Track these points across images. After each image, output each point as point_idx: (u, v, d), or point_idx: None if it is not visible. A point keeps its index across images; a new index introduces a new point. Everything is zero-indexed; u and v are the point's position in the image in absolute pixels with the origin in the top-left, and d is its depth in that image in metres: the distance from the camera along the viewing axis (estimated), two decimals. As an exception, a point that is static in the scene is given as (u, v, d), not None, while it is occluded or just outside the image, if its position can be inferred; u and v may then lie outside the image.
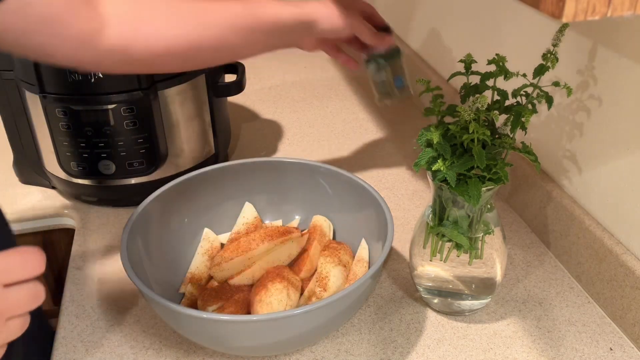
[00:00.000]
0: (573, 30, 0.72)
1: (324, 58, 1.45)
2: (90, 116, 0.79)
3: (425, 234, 0.68)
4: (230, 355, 0.67)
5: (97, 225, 0.87)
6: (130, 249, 0.65)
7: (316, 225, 0.78)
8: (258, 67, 1.40)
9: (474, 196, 0.59)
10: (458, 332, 0.69)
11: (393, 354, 0.66)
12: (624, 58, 0.65)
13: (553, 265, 0.79)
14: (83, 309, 0.73)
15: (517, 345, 0.67)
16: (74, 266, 0.80)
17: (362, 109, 1.21)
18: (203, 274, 0.74)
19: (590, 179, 0.74)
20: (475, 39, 0.97)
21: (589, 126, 0.72)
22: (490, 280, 0.69)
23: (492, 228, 0.66)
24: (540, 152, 0.81)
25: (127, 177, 0.85)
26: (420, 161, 0.62)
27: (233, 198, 0.81)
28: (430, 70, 1.14)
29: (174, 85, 0.83)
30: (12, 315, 0.42)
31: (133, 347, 0.68)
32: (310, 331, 0.61)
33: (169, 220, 0.75)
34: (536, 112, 0.62)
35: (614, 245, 0.69)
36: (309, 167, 0.79)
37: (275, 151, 1.06)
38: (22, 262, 0.43)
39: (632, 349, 0.67)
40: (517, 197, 0.88)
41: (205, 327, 0.58)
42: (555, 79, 0.76)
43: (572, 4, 0.34)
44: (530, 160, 0.63)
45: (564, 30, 0.59)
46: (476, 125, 0.58)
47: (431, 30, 1.15)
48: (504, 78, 0.62)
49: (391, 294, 0.75)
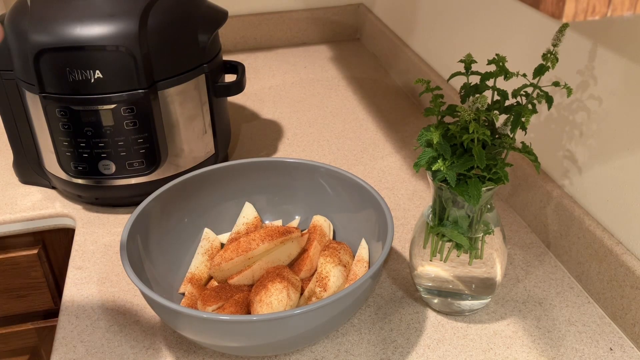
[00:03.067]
0: (573, 30, 0.72)
1: (324, 58, 1.45)
2: (90, 116, 0.79)
3: (425, 234, 0.68)
4: (230, 355, 0.67)
5: (97, 225, 0.87)
6: (130, 249, 0.65)
7: (316, 225, 0.78)
8: (258, 67, 1.41)
9: (474, 196, 0.59)
10: (458, 332, 0.69)
11: (393, 354, 0.66)
12: (624, 58, 0.65)
13: (553, 265, 0.79)
14: (83, 309, 0.73)
15: (517, 345, 0.67)
16: (74, 266, 0.80)
17: (362, 109, 1.21)
18: (203, 274, 0.74)
19: (590, 179, 0.74)
20: (475, 39, 0.97)
21: (589, 126, 0.72)
22: (490, 280, 0.69)
23: (492, 228, 0.66)
24: (540, 152, 0.82)
25: (127, 177, 0.85)
26: (420, 161, 0.62)
27: (233, 198, 0.81)
28: (430, 70, 1.14)
29: (174, 85, 0.83)
30: None
31: (133, 347, 0.68)
32: (310, 331, 0.61)
33: (169, 221, 0.75)
34: (536, 112, 0.61)
35: (614, 245, 0.69)
36: (309, 167, 0.79)
37: (275, 151, 1.06)
38: None
39: (632, 349, 0.67)
40: (517, 197, 0.88)
41: (205, 327, 0.58)
42: (555, 79, 0.76)
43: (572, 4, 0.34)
44: (530, 160, 0.63)
45: (564, 30, 0.59)
46: (476, 125, 0.58)
47: (431, 30, 1.15)
48: (504, 78, 0.62)
49: (391, 294, 0.75)
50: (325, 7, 1.51)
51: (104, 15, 0.76)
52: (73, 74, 0.77)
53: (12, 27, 0.79)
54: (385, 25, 1.38)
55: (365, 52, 1.48)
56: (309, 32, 1.52)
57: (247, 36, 1.49)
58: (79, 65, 0.76)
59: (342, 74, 1.37)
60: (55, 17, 0.76)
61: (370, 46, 1.48)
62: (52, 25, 0.76)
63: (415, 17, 1.22)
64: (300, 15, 1.50)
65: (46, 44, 0.75)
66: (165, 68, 0.81)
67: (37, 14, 0.77)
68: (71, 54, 0.76)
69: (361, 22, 1.52)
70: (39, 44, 0.76)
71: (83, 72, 0.77)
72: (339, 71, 1.39)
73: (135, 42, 0.76)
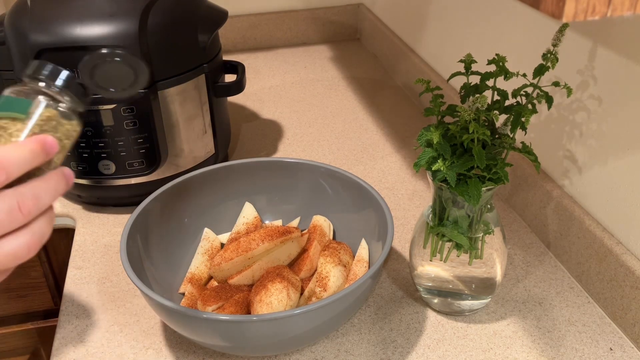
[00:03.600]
0: (573, 30, 0.72)
1: (324, 58, 1.45)
2: (90, 116, 0.79)
3: (425, 234, 0.68)
4: (230, 355, 0.67)
5: (97, 225, 0.87)
6: (130, 249, 0.65)
7: (316, 225, 0.78)
8: (258, 67, 1.41)
9: (474, 196, 0.59)
10: (458, 332, 0.69)
11: (393, 354, 0.66)
12: (624, 58, 0.65)
13: (553, 265, 0.79)
14: (83, 309, 0.73)
15: (517, 345, 0.67)
16: (74, 266, 0.80)
17: (362, 109, 1.21)
18: (203, 274, 0.74)
19: (590, 179, 0.74)
20: (475, 39, 0.97)
21: (589, 126, 0.72)
22: (490, 280, 0.69)
23: (492, 228, 0.66)
24: (540, 152, 0.81)
25: (127, 177, 0.85)
26: (420, 161, 0.62)
27: (233, 198, 0.81)
28: (430, 70, 1.14)
29: (174, 85, 0.83)
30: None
31: (133, 347, 0.68)
32: (310, 331, 0.61)
33: (169, 220, 0.75)
34: (536, 112, 0.61)
35: (614, 245, 0.69)
36: (308, 167, 0.79)
37: (275, 151, 1.06)
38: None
39: (632, 349, 0.67)
40: (517, 197, 0.88)
41: (205, 327, 0.58)
42: (555, 79, 0.76)
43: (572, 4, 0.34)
44: (530, 160, 0.63)
45: (564, 30, 0.59)
46: (476, 125, 0.58)
47: (431, 30, 1.15)
48: (504, 78, 0.62)
49: (391, 294, 0.75)
50: (325, 7, 1.51)
51: (104, 15, 0.76)
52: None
53: (12, 27, 0.79)
54: (385, 25, 1.38)
55: (365, 52, 1.48)
56: (309, 32, 1.52)
57: (247, 36, 1.49)
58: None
59: (342, 74, 1.37)
60: (55, 17, 0.76)
61: (370, 46, 1.48)
62: (52, 25, 0.76)
63: (415, 17, 1.22)
64: (300, 15, 1.50)
65: (46, 44, 0.75)
66: (165, 68, 0.81)
67: (37, 14, 0.77)
68: (71, 54, 0.76)
69: (361, 22, 1.52)
70: (39, 44, 0.76)
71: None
72: (339, 71, 1.39)
73: (135, 42, 0.76)
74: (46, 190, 0.42)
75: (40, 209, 0.41)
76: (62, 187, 0.43)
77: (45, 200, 0.41)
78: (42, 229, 0.41)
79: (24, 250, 0.40)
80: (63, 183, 0.43)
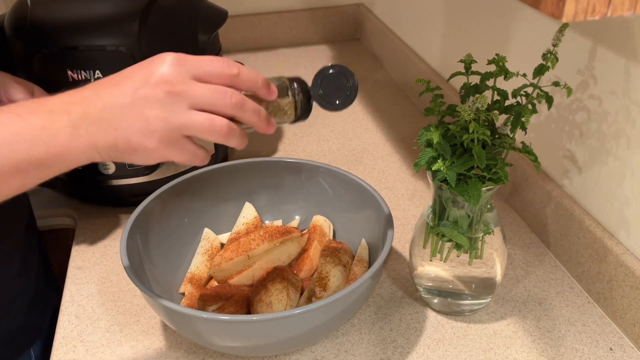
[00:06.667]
0: (573, 30, 0.72)
1: (324, 58, 1.45)
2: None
3: (425, 234, 0.68)
4: (230, 355, 0.67)
5: (97, 225, 0.87)
6: (130, 249, 0.65)
7: (316, 225, 0.78)
8: (258, 67, 1.41)
9: (474, 196, 0.59)
10: (458, 332, 0.69)
11: (393, 354, 0.66)
12: (624, 58, 0.65)
13: (553, 265, 0.79)
14: (83, 309, 0.73)
15: (517, 345, 0.67)
16: (74, 266, 0.80)
17: (362, 109, 1.20)
18: (203, 274, 0.74)
19: (590, 179, 0.74)
20: (475, 39, 0.97)
21: (589, 126, 0.72)
22: (490, 280, 0.69)
23: (492, 228, 0.66)
24: (540, 152, 0.81)
25: (127, 177, 0.85)
26: (420, 161, 0.62)
27: (233, 198, 0.81)
28: (430, 70, 1.14)
29: (174, 85, 0.83)
30: (198, 105, 0.47)
31: (133, 347, 0.68)
32: (310, 331, 0.61)
33: (169, 220, 0.75)
34: (536, 112, 0.61)
35: (614, 245, 0.69)
36: (309, 167, 0.79)
37: (275, 151, 1.06)
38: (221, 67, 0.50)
39: (632, 349, 0.67)
40: (517, 197, 0.88)
41: (205, 327, 0.58)
42: (555, 79, 0.76)
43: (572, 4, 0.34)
44: (530, 160, 0.63)
45: (564, 30, 0.59)
46: (476, 125, 0.58)
47: (431, 30, 1.15)
48: (504, 78, 0.62)
49: (391, 294, 0.75)
50: (325, 7, 1.51)
51: (104, 15, 0.76)
52: (73, 74, 0.77)
53: (12, 27, 0.79)
54: (385, 25, 1.38)
55: (365, 52, 1.48)
56: (309, 32, 1.52)
57: (247, 36, 1.49)
58: (79, 65, 0.76)
59: (342, 74, 1.37)
60: (56, 17, 0.76)
61: (370, 46, 1.48)
62: (52, 25, 0.76)
63: (415, 17, 1.22)
64: (300, 15, 1.50)
65: (46, 44, 0.75)
66: (165, 68, 0.81)
67: (37, 14, 0.77)
68: (71, 54, 0.76)
69: (361, 22, 1.52)
70: (39, 44, 0.75)
71: (83, 72, 0.77)
72: (339, 71, 1.38)
73: (135, 42, 0.76)
74: (253, 110, 0.52)
75: (242, 113, 0.51)
76: (259, 122, 0.53)
77: (247, 114, 0.51)
78: (234, 132, 0.51)
79: (225, 129, 0.49)
80: (264, 123, 0.54)
